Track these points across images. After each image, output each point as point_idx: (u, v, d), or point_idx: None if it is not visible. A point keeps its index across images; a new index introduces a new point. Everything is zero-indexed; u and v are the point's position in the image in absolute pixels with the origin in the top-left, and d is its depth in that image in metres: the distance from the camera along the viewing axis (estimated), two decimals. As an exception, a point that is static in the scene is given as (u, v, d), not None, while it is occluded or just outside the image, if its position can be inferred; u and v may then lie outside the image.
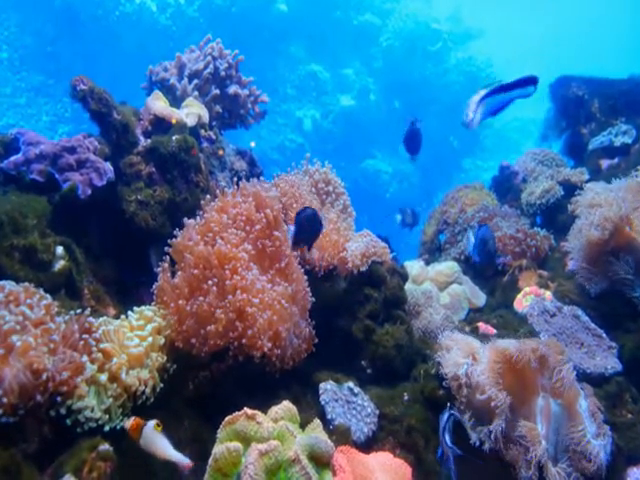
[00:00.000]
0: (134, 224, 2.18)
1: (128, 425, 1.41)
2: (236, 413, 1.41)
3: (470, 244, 2.63)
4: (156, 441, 1.38)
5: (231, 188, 2.13)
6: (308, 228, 1.99)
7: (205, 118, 2.60)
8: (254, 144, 6.73)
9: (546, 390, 1.78)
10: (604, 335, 2.30)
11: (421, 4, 12.71)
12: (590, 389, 1.95)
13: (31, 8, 9.86)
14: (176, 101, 2.68)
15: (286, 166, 2.53)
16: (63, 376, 1.42)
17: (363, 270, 2.20)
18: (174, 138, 2.30)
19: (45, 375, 1.39)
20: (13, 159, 2.03)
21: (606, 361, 2.18)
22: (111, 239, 2.24)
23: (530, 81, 2.01)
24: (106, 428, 1.49)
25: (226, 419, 1.41)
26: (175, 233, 1.98)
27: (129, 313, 1.83)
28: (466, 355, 1.88)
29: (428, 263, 3.17)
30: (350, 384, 1.95)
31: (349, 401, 1.90)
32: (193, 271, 1.83)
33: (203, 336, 1.76)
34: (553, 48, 21.99)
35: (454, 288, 2.88)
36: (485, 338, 2.11)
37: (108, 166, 2.17)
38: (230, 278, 1.78)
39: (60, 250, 1.90)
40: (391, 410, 1.92)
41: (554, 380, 1.77)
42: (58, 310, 1.60)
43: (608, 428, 1.75)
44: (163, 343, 1.76)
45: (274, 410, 1.48)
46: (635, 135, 3.24)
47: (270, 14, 10.90)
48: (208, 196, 2.13)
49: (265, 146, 10.70)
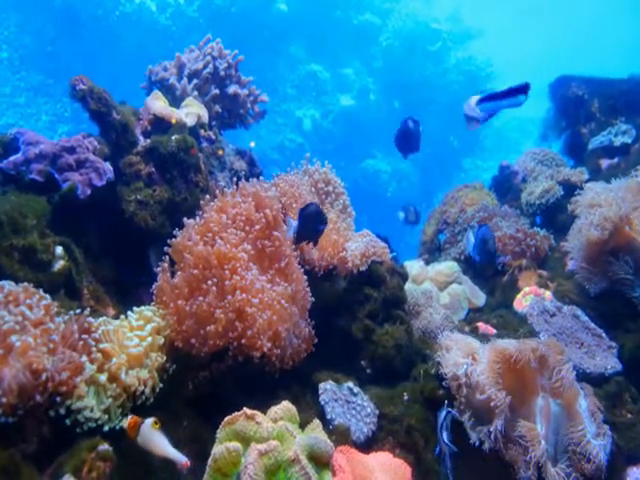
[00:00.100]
0: (133, 224, 2.18)
1: (126, 423, 1.41)
2: (235, 413, 1.41)
3: (470, 244, 2.63)
4: (154, 439, 1.37)
5: (231, 188, 2.13)
6: (312, 224, 1.99)
7: (205, 118, 2.60)
8: (254, 144, 6.73)
9: (546, 390, 1.78)
10: (604, 335, 2.30)
11: (421, 4, 12.72)
12: (590, 389, 1.95)
13: (31, 8, 9.86)
14: (175, 101, 2.68)
15: (286, 166, 2.52)
16: (62, 376, 1.42)
17: (363, 270, 2.20)
18: (173, 138, 2.30)
19: (44, 375, 1.39)
20: (12, 159, 2.02)
21: (606, 361, 2.18)
22: (111, 239, 2.23)
23: (521, 90, 2.00)
24: (105, 428, 1.49)
25: (226, 419, 1.41)
26: (175, 233, 1.98)
27: (128, 313, 1.83)
28: (466, 355, 1.88)
29: (428, 263, 3.18)
30: (350, 384, 1.95)
31: (349, 401, 1.90)
32: (193, 271, 1.82)
33: (203, 336, 1.76)
34: (553, 48, 21.99)
35: (454, 288, 2.88)
36: (485, 338, 2.11)
37: (108, 166, 2.17)
38: (230, 278, 1.78)
39: (59, 250, 1.90)
40: (391, 410, 1.92)
41: (554, 380, 1.77)
42: (57, 310, 1.61)
43: (608, 428, 1.75)
44: (162, 343, 1.76)
45: (273, 410, 1.48)
46: (635, 135, 3.24)
47: (270, 14, 10.91)
48: (207, 196, 2.12)
49: (265, 146, 10.70)
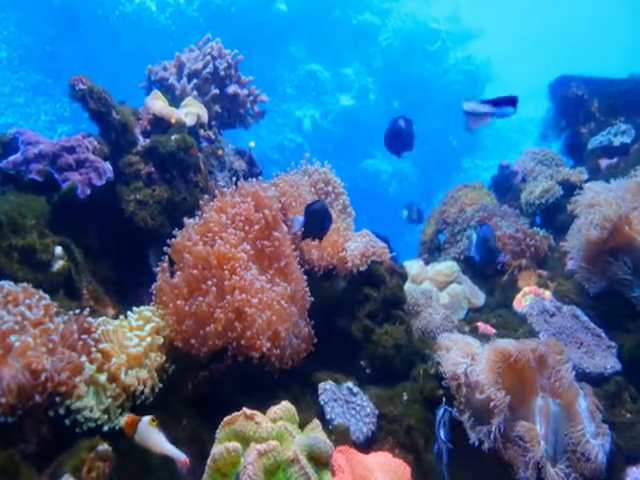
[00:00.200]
0: (133, 224, 2.18)
1: (123, 422, 1.40)
2: (235, 413, 1.41)
3: (472, 243, 2.63)
4: (151, 436, 1.37)
5: (230, 188, 2.13)
6: (317, 221, 1.98)
7: (204, 118, 2.60)
8: (253, 144, 6.73)
9: (545, 390, 1.78)
10: (603, 335, 2.30)
11: (420, 4, 12.71)
12: (589, 389, 1.95)
13: (30, 7, 9.85)
14: (175, 101, 2.68)
15: (285, 166, 2.52)
16: (62, 376, 1.42)
17: (362, 270, 2.19)
18: (173, 138, 2.30)
19: (44, 375, 1.39)
20: (12, 159, 2.02)
21: (605, 361, 2.18)
22: (110, 239, 2.23)
23: (510, 101, 1.99)
24: (105, 428, 1.48)
25: (225, 419, 1.41)
26: (174, 233, 1.98)
27: (128, 313, 1.83)
28: (465, 355, 1.88)
29: (427, 263, 3.17)
30: (349, 384, 1.95)
31: (348, 401, 1.90)
32: (192, 271, 1.82)
33: (202, 336, 1.75)
34: (552, 48, 21.98)
35: (453, 288, 2.88)
36: (484, 338, 2.11)
37: (107, 166, 2.17)
38: (229, 278, 1.78)
39: (59, 250, 1.90)
40: (390, 410, 1.92)
41: (553, 380, 1.77)
42: (57, 310, 1.60)
43: (607, 427, 1.75)
44: (162, 343, 1.76)
45: (273, 410, 1.48)
46: (634, 135, 3.24)
47: (270, 14, 10.90)
48: (207, 196, 2.12)
49: (264, 146, 10.69)
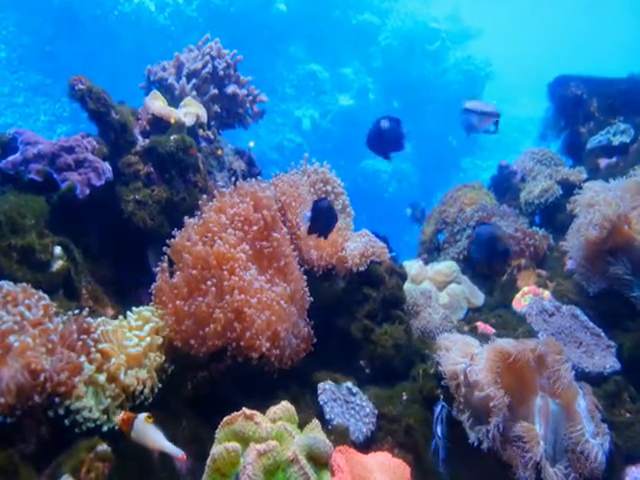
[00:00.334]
0: (132, 224, 2.18)
1: (118, 419, 1.40)
2: (234, 413, 1.41)
3: (473, 242, 2.62)
4: (148, 433, 1.36)
5: (229, 188, 2.12)
6: (324, 217, 1.99)
7: (203, 118, 2.60)
8: (253, 144, 6.73)
9: (545, 390, 1.78)
10: (603, 334, 2.30)
11: (420, 3, 12.72)
12: (589, 388, 1.95)
13: (30, 7, 9.85)
14: (174, 101, 2.67)
15: (285, 166, 2.52)
16: (61, 376, 1.42)
17: (362, 270, 2.19)
18: (172, 138, 2.30)
19: (43, 375, 1.39)
20: (11, 159, 2.02)
21: (605, 360, 2.18)
22: (109, 239, 2.23)
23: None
24: (104, 428, 1.48)
25: (224, 419, 1.41)
26: (173, 233, 1.97)
27: (127, 313, 1.83)
28: (465, 354, 1.88)
29: (427, 263, 3.17)
30: (349, 384, 1.95)
31: (348, 401, 1.90)
32: (191, 271, 1.82)
33: (201, 336, 1.75)
34: (552, 47, 21.99)
35: (453, 288, 2.88)
36: (484, 338, 2.11)
37: (106, 166, 2.16)
38: (228, 278, 1.78)
39: (58, 250, 1.90)
40: (390, 410, 1.92)
41: (552, 380, 1.77)
42: (56, 310, 1.60)
43: (606, 427, 1.75)
44: (161, 343, 1.76)
45: (272, 410, 1.48)
46: (633, 134, 3.24)
47: (269, 14, 10.90)
48: (206, 196, 2.12)
49: (264, 146, 10.69)
